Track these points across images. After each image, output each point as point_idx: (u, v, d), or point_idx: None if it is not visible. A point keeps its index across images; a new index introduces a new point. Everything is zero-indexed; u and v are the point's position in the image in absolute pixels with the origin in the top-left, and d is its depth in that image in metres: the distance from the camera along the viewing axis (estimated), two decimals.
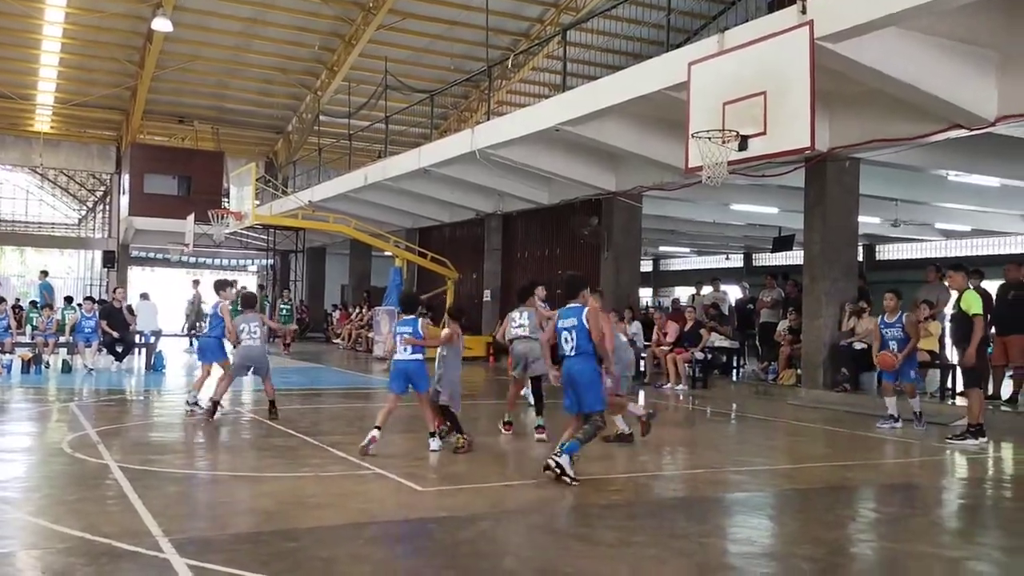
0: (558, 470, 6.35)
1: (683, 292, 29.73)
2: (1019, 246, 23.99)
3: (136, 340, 17.06)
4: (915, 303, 12.43)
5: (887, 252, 28.42)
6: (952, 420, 10.24)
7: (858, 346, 12.44)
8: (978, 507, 6.86)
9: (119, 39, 27.59)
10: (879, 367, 10.54)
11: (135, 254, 35.84)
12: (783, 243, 21.68)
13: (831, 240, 13.09)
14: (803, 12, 9.12)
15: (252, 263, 39.19)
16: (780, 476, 7.69)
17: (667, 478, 7.61)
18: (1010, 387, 11.84)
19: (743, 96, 9.59)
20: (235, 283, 10.83)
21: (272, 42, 28.01)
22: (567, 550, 4.97)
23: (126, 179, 32.37)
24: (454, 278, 22.48)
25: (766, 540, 5.56)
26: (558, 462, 6.38)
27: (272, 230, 28.62)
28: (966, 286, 9.47)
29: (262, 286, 31.21)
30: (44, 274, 24.42)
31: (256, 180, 22.29)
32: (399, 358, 7.80)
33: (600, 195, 17.46)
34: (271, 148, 35.29)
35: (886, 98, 10.83)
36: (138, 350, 17.27)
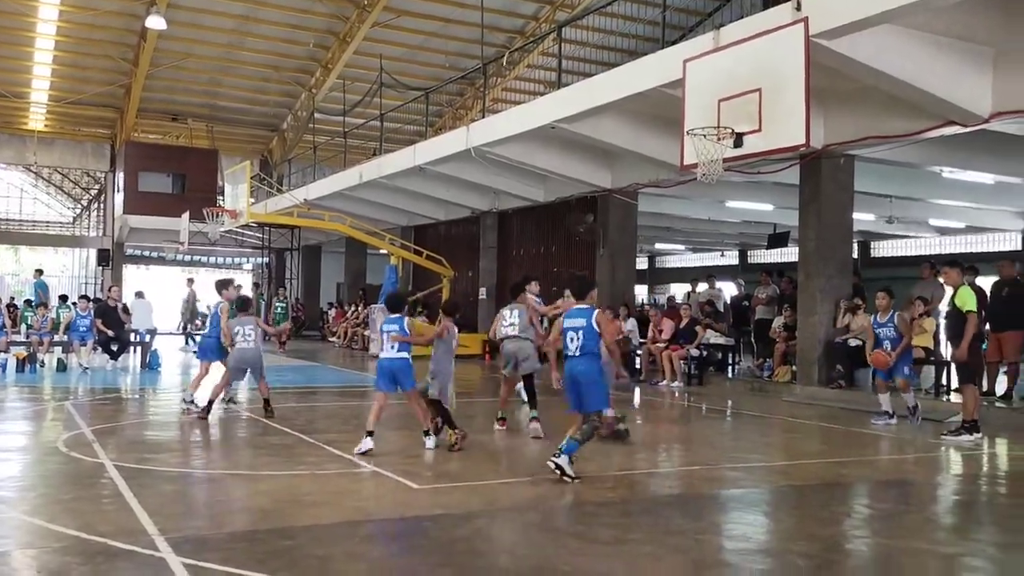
0: (558, 471, 6.41)
1: (679, 289, 29.80)
2: (1013, 243, 24.06)
3: (131, 339, 17.04)
4: (909, 300, 12.47)
5: (882, 249, 28.48)
6: (947, 416, 10.28)
7: (853, 343, 12.46)
8: (973, 503, 6.88)
9: (113, 37, 27.52)
10: (873, 366, 10.57)
11: (130, 252, 35.75)
12: (778, 240, 21.72)
13: (826, 237, 13.12)
14: (798, 9, 9.13)
15: (247, 261, 39.13)
16: (775, 473, 7.71)
17: (663, 475, 7.62)
18: (1004, 383, 11.89)
19: (738, 93, 9.59)
20: (233, 281, 10.75)
21: (266, 39, 27.97)
22: (563, 547, 4.97)
23: (120, 177, 32.29)
24: (449, 276, 22.48)
25: (762, 536, 5.57)
26: (557, 463, 6.43)
27: (267, 228, 28.61)
28: (961, 282, 9.49)
29: (257, 284, 31.18)
30: (39, 273, 24.36)
31: (251, 178, 22.26)
32: (384, 356, 7.80)
33: (596, 192, 17.47)
34: (266, 146, 35.24)
35: (881, 95, 10.85)
36: (133, 349, 17.25)
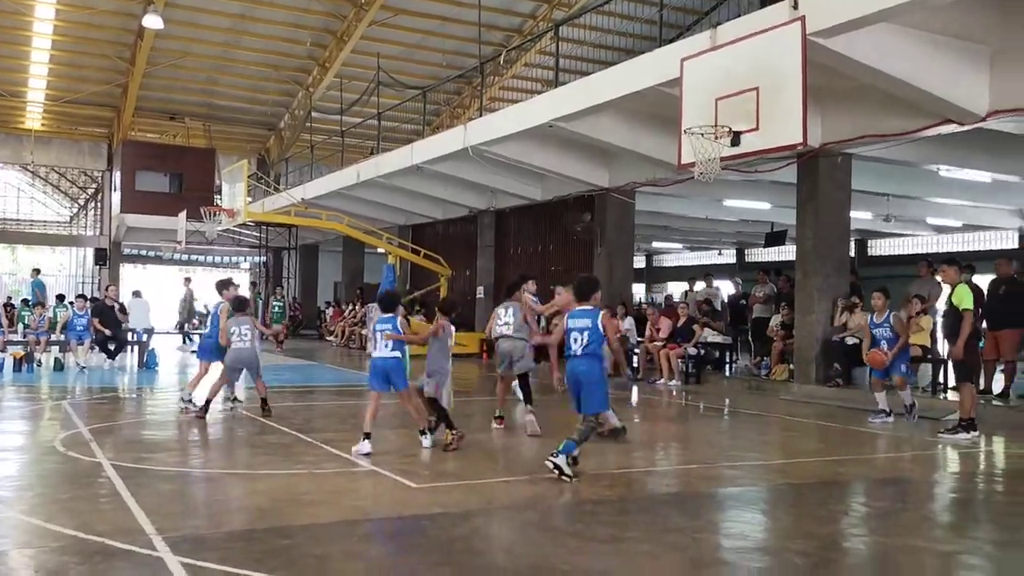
0: (556, 471, 6.44)
1: (676, 288, 29.80)
2: (1010, 241, 24.10)
3: (128, 338, 17.02)
4: (907, 298, 12.49)
5: (879, 247, 28.53)
6: (944, 414, 10.29)
7: (850, 341, 12.47)
8: (970, 501, 6.89)
9: (110, 36, 27.47)
10: (869, 365, 10.57)
11: (127, 251, 35.71)
12: (775, 239, 21.74)
13: (823, 235, 13.13)
14: (795, 7, 9.13)
15: (245, 260, 39.10)
16: (773, 471, 7.71)
17: (660, 473, 7.63)
18: (1001, 381, 11.90)
19: (736, 92, 9.59)
20: (232, 281, 10.75)
21: (263, 38, 27.93)
22: (561, 546, 4.97)
23: (117, 176, 32.25)
24: (447, 275, 22.48)
25: (759, 535, 5.57)
26: (555, 462, 6.45)
27: (265, 227, 28.58)
28: (959, 280, 9.50)
29: (255, 284, 31.14)
30: (36, 272, 24.35)
31: (248, 177, 22.23)
32: (377, 355, 7.77)
33: (593, 191, 17.47)
34: (263, 145, 35.21)
35: (878, 93, 10.86)
36: (130, 348, 17.23)
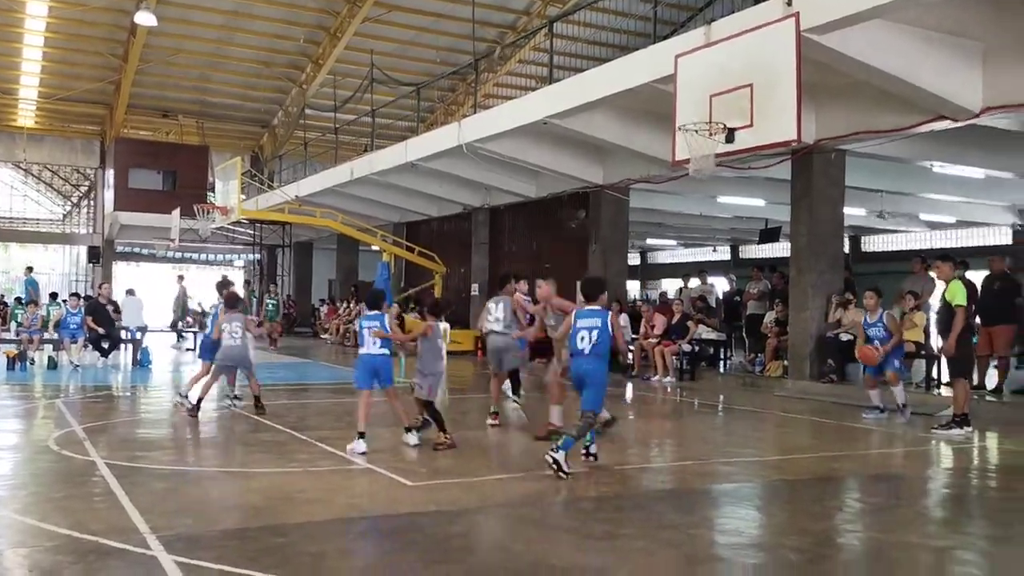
0: (555, 466, 6.49)
1: (670, 284, 29.85)
2: (1003, 237, 24.16)
3: (122, 336, 16.96)
4: (900, 294, 12.52)
5: (872, 244, 28.58)
6: (937, 410, 10.31)
7: (844, 337, 12.50)
8: (964, 497, 6.91)
9: (102, 33, 27.36)
10: (861, 362, 10.59)
11: (120, 249, 35.60)
12: (770, 235, 21.74)
13: (817, 232, 13.15)
14: (789, 4, 9.13)
15: (239, 258, 39.02)
16: (767, 467, 7.72)
17: (655, 470, 7.63)
18: (995, 377, 11.94)
19: (730, 88, 9.59)
20: (232, 281, 10.88)
21: (256, 35, 27.85)
22: (556, 543, 4.97)
23: (110, 174, 32.14)
24: (441, 272, 22.46)
25: (754, 531, 5.58)
26: (555, 458, 6.51)
27: (258, 225, 28.51)
28: (952, 276, 9.52)
29: (248, 281, 31.10)
30: (29, 270, 24.28)
31: (242, 174, 22.18)
32: (366, 352, 7.73)
33: (588, 188, 17.46)
34: (256, 142, 35.11)
35: (872, 90, 10.87)
36: (124, 346, 17.18)
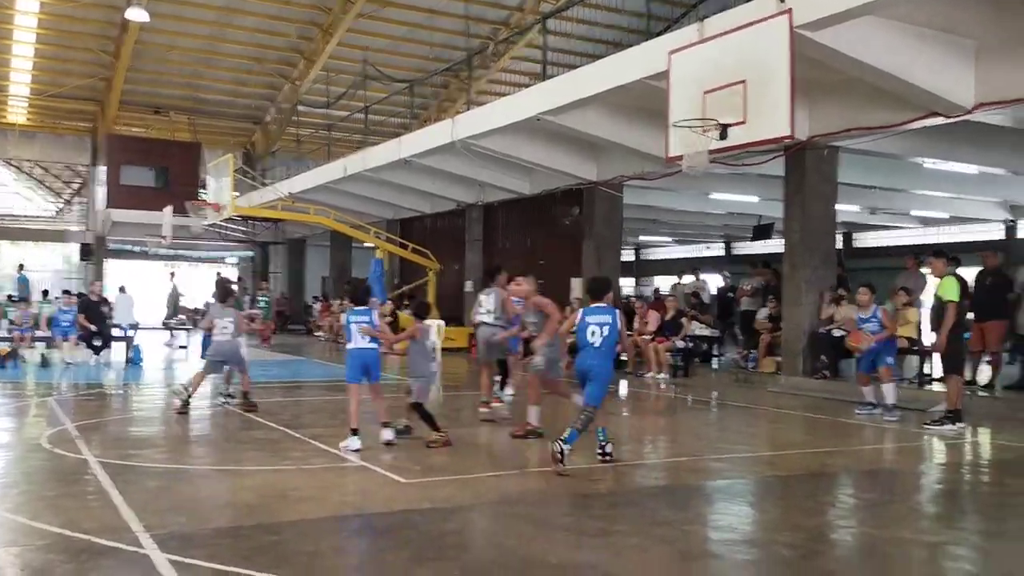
0: (560, 456, 6.57)
1: (664, 281, 29.88)
2: (996, 233, 24.25)
3: (114, 333, 16.89)
4: (893, 290, 12.55)
5: (865, 240, 28.65)
6: (930, 406, 10.35)
7: (837, 333, 12.52)
8: (956, 492, 6.94)
9: (94, 29, 27.23)
10: (852, 346, 10.64)
11: (112, 247, 35.43)
12: (762, 231, 21.78)
13: (810, 228, 13.17)
14: (782, 0, 9.13)
15: (231, 255, 38.90)
16: (761, 463, 7.74)
17: (649, 467, 7.64)
18: (987, 373, 11.98)
19: (723, 85, 9.59)
20: (229, 280, 11.01)
21: (248, 31, 27.75)
22: (551, 540, 4.97)
23: (102, 171, 32.00)
24: (435, 269, 22.43)
25: (747, 527, 5.60)
26: (562, 448, 6.59)
27: (251, 222, 28.42)
28: (946, 272, 9.54)
29: (240, 279, 30.97)
30: (21, 267, 24.18)
31: (234, 171, 22.09)
32: (355, 347, 7.65)
33: (581, 185, 17.46)
34: (249, 139, 34.99)
35: (865, 86, 10.88)
36: (116, 343, 17.10)
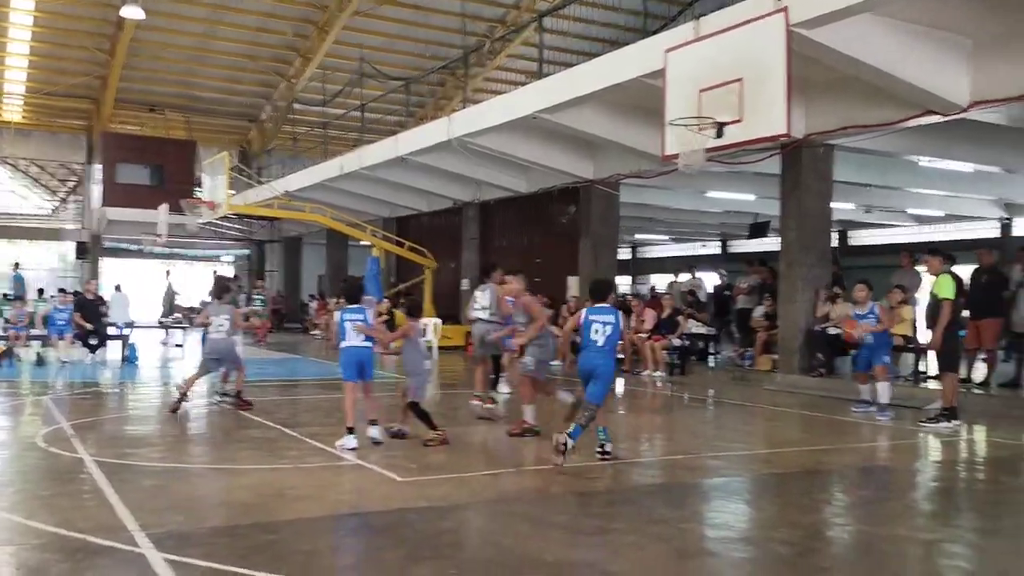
0: (563, 448, 6.61)
1: (660, 279, 29.89)
2: (991, 231, 24.28)
3: (109, 332, 16.85)
4: (889, 289, 12.56)
5: (860, 238, 28.67)
6: (925, 404, 10.37)
7: (833, 331, 12.54)
8: (952, 490, 6.95)
9: (89, 27, 27.17)
10: (846, 332, 10.71)
11: (108, 245, 35.35)
12: (759, 230, 21.81)
13: (806, 226, 13.18)
14: None
15: (227, 253, 38.83)
16: (757, 461, 7.75)
17: (645, 465, 7.64)
18: (983, 370, 12.00)
19: (719, 83, 9.60)
20: (228, 278, 10.91)
21: (245, 29, 27.70)
22: (547, 538, 4.97)
23: (98, 169, 31.93)
24: (432, 267, 22.42)
25: (743, 525, 5.60)
26: (566, 441, 6.63)
27: (247, 220, 28.37)
28: (942, 270, 9.55)
29: (236, 277, 30.95)
30: (16, 266, 24.12)
31: (230, 169, 22.06)
32: (350, 345, 7.61)
33: (578, 183, 17.46)
34: (244, 137, 34.94)
35: (861, 84, 10.89)
36: (111, 342, 17.06)
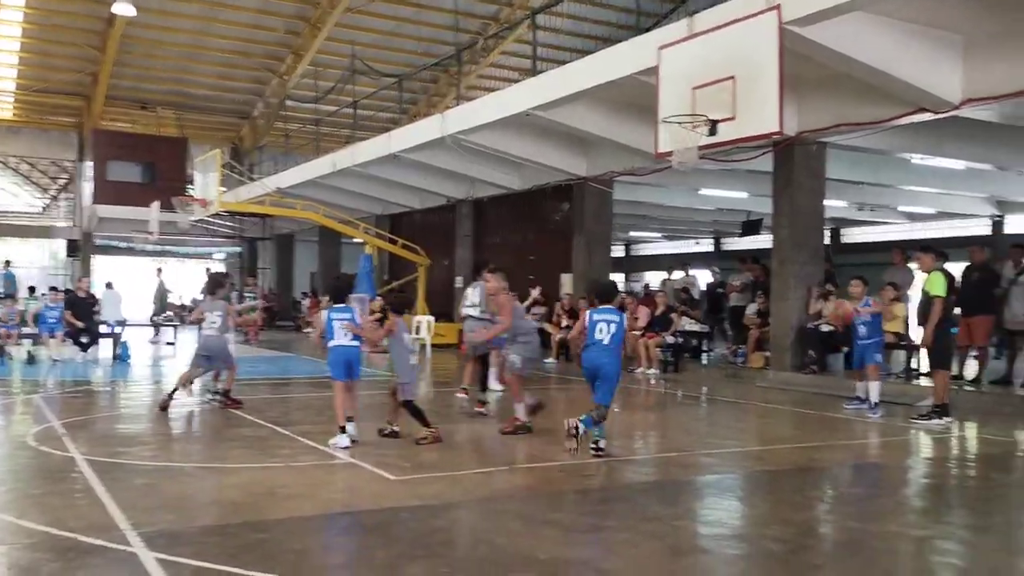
0: (575, 431, 6.75)
1: (654, 277, 29.92)
2: (983, 228, 24.37)
3: (101, 330, 16.79)
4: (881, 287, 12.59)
5: (853, 235, 28.75)
6: (917, 401, 10.40)
7: (825, 328, 12.57)
8: (943, 487, 6.97)
9: (80, 24, 27.04)
10: (838, 313, 11.02)
11: (99, 243, 35.21)
12: (751, 227, 21.85)
13: (799, 224, 13.20)
14: None
15: (219, 251, 38.71)
16: (750, 458, 7.77)
17: (639, 462, 7.64)
18: (974, 367, 12.05)
19: (712, 80, 9.59)
20: (228, 276, 10.96)
21: (236, 26, 27.60)
22: (540, 536, 4.97)
23: (89, 166, 31.79)
24: (425, 265, 22.39)
25: (736, 522, 5.61)
26: (577, 425, 6.76)
27: (239, 217, 28.30)
28: (934, 267, 9.58)
29: (228, 274, 30.84)
30: (7, 264, 24.00)
31: (221, 166, 21.99)
32: (338, 344, 7.59)
33: (571, 180, 17.46)
34: (236, 133, 34.83)
35: (853, 82, 10.90)
36: (103, 340, 16.99)
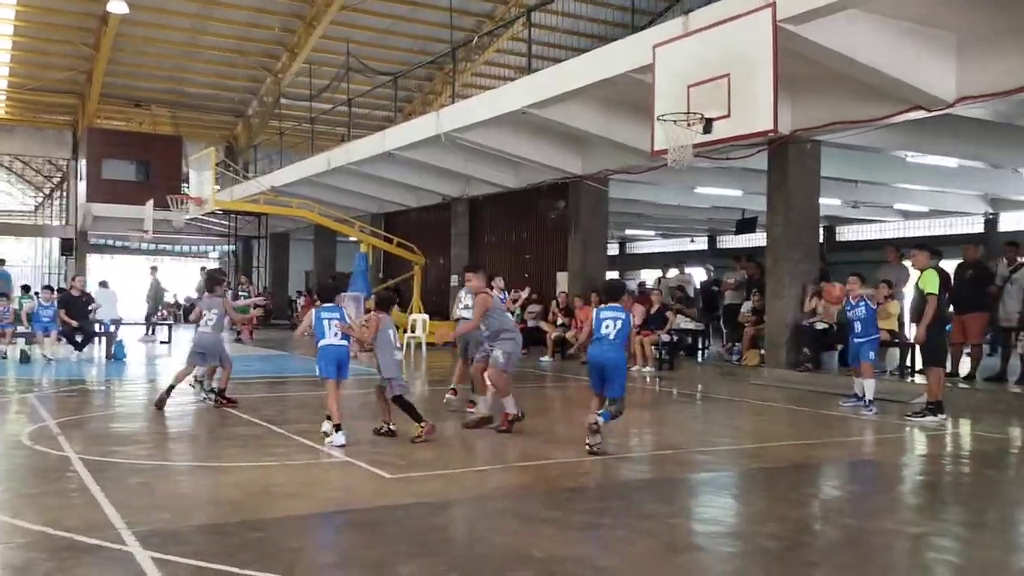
0: (595, 425, 7.03)
1: (649, 275, 29.95)
2: (977, 226, 24.45)
3: (95, 329, 16.76)
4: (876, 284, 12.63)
5: (847, 233, 28.82)
6: (911, 398, 10.43)
7: (820, 326, 12.60)
8: (938, 483, 6.99)
9: (74, 21, 26.96)
10: (829, 298, 11.13)
11: (94, 241, 35.14)
12: (746, 225, 21.90)
13: (793, 222, 13.23)
14: None
15: (214, 249, 38.66)
16: (745, 455, 7.77)
17: (634, 460, 7.64)
18: (968, 365, 12.08)
19: (707, 79, 9.61)
20: (225, 274, 11.02)
21: (231, 24, 27.55)
22: (536, 534, 4.97)
23: (83, 165, 31.70)
24: (421, 263, 22.37)
25: (732, 519, 5.62)
26: (597, 420, 7.04)
27: (234, 216, 28.24)
28: (928, 265, 9.60)
29: (225, 272, 30.78)
30: (1, 263, 23.88)
31: (216, 165, 21.94)
32: (328, 343, 7.59)
33: (567, 178, 17.46)
34: (231, 132, 34.77)
35: (848, 80, 10.92)
36: (97, 339, 16.98)
